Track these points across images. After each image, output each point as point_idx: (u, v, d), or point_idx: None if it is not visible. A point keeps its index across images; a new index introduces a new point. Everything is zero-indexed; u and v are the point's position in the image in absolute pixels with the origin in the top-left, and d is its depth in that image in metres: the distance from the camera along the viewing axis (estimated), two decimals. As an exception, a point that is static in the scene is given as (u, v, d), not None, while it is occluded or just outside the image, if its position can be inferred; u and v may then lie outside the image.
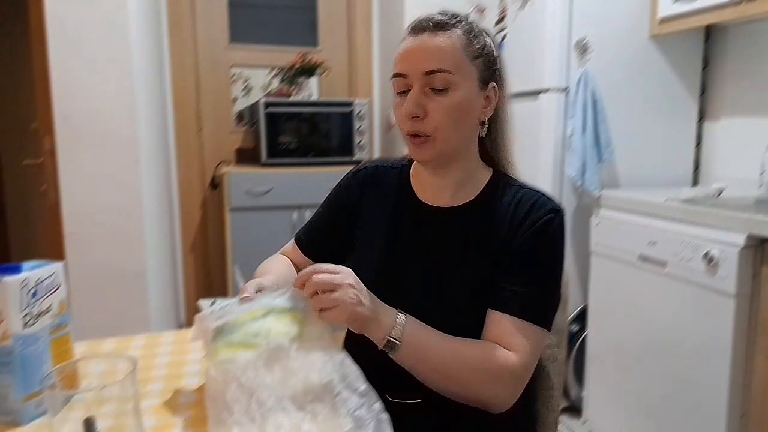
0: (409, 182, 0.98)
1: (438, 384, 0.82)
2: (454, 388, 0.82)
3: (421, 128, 0.85)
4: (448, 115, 0.84)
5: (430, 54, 0.83)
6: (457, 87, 0.84)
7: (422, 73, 0.83)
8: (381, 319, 0.78)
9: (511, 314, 0.83)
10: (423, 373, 0.81)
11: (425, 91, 0.84)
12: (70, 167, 2.05)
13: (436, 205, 0.94)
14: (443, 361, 0.80)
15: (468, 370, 0.81)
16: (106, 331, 1.12)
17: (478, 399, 0.82)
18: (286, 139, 2.64)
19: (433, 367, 0.81)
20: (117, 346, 1.00)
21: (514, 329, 0.82)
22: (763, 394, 1.35)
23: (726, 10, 1.68)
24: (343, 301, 0.74)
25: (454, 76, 0.83)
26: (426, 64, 0.83)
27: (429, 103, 0.84)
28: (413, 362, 0.80)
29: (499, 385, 0.81)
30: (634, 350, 1.72)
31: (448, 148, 0.87)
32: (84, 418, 0.55)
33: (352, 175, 1.04)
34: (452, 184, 0.92)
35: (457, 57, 0.84)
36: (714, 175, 2.08)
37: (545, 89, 1.97)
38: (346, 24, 3.14)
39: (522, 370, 0.82)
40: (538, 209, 0.88)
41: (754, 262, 1.35)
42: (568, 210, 1.99)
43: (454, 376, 0.81)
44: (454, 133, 0.86)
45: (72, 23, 1.99)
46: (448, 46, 0.84)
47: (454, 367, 0.81)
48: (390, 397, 0.92)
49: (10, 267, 0.73)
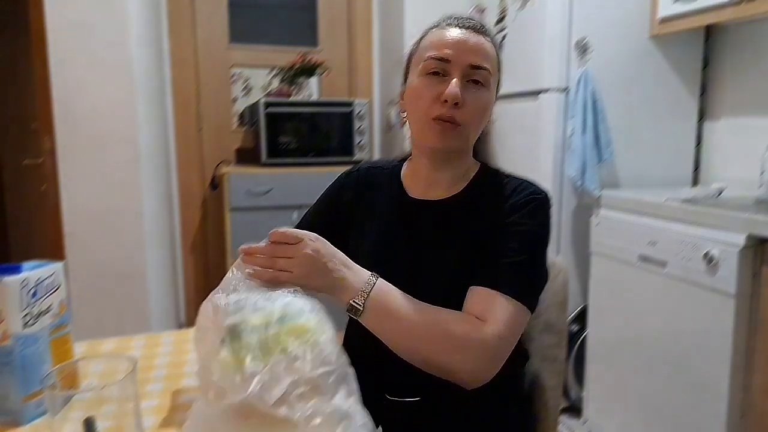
0: (400, 181, 0.99)
1: (405, 350, 0.80)
2: (420, 355, 0.79)
3: (458, 116, 0.86)
4: (480, 110, 0.88)
5: (478, 49, 0.87)
6: (490, 88, 0.89)
7: (468, 65, 0.86)
8: (348, 284, 0.77)
9: (486, 286, 0.82)
10: (389, 338, 0.79)
11: (463, 83, 0.86)
12: (70, 167, 2.05)
13: (425, 199, 0.95)
14: (410, 326, 0.78)
15: (434, 336, 0.78)
16: (106, 331, 1.12)
17: (446, 368, 0.79)
18: (286, 139, 2.64)
19: (399, 331, 0.79)
20: (117, 346, 1.00)
21: (487, 300, 0.81)
22: (763, 394, 1.35)
23: (726, 10, 1.68)
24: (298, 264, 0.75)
25: (491, 77, 0.89)
26: (474, 57, 0.87)
27: (466, 94, 0.86)
28: (377, 325, 0.79)
29: (467, 354, 0.78)
30: (634, 350, 1.72)
31: (467, 143, 0.91)
32: (84, 418, 0.55)
33: (345, 176, 1.05)
34: (448, 178, 0.94)
35: (494, 62, 0.90)
36: (714, 175, 2.08)
37: (545, 89, 1.97)
38: (346, 24, 3.14)
39: (494, 340, 0.78)
40: (521, 192, 0.90)
41: (754, 262, 1.35)
42: (568, 210, 1.99)
43: (421, 343, 0.78)
44: (476, 130, 0.91)
45: (72, 23, 1.99)
46: (490, 49, 0.89)
47: (420, 333, 0.78)
48: (389, 395, 0.92)
49: (10, 267, 0.73)
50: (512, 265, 0.83)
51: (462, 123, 0.87)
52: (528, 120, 2.04)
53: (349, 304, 0.77)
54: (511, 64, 0.95)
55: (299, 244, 0.76)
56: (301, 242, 0.76)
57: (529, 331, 1.07)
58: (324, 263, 0.76)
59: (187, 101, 2.92)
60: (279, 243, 0.76)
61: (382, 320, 0.78)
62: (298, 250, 0.75)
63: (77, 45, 2.01)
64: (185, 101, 2.91)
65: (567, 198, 1.99)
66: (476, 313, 0.80)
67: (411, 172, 0.99)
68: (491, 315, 0.79)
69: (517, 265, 0.83)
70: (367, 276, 0.79)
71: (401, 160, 1.03)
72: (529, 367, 1.05)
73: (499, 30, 2.23)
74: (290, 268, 0.75)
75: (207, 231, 3.00)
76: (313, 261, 0.76)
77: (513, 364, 1.01)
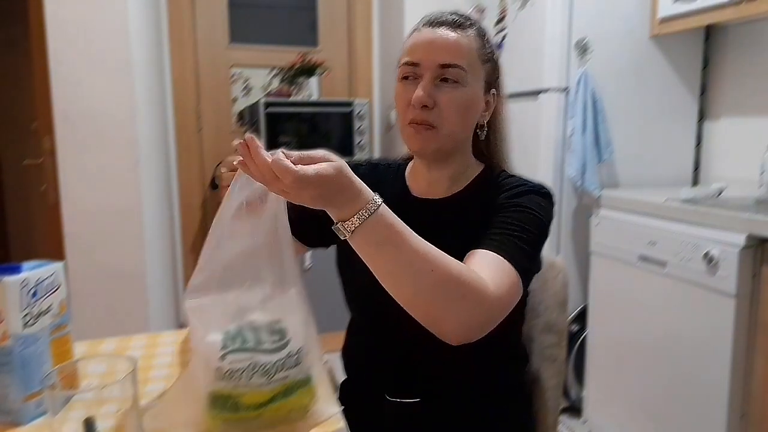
0: (404, 179, 0.99)
1: (399, 283, 0.70)
2: (414, 292, 0.69)
3: (429, 118, 0.85)
4: (456, 108, 0.86)
5: (448, 47, 0.85)
6: (467, 84, 0.86)
7: (437, 65, 0.85)
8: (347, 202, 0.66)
9: (488, 249, 0.78)
10: (384, 263, 0.68)
11: (436, 83, 0.85)
12: (70, 167, 2.05)
13: (428, 198, 0.95)
14: (411, 258, 0.68)
15: (437, 276, 0.68)
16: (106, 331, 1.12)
17: (437, 314, 0.70)
18: (286, 139, 2.64)
19: (397, 259, 0.68)
20: (117, 346, 1.00)
21: (489, 260, 0.77)
22: (763, 394, 1.35)
23: (726, 10, 1.68)
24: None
25: (466, 73, 0.85)
26: (443, 56, 0.85)
27: (439, 94, 0.85)
28: (372, 248, 0.67)
29: (465, 305, 0.70)
30: (634, 350, 1.72)
31: (449, 143, 0.89)
32: (84, 418, 0.55)
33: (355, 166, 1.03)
34: (446, 178, 0.94)
35: (471, 56, 0.86)
36: (714, 175, 2.08)
37: (545, 89, 1.97)
38: (346, 24, 3.14)
39: (495, 301, 0.72)
40: (522, 184, 0.89)
41: (754, 262, 1.35)
42: (568, 210, 1.99)
43: (420, 278, 0.68)
44: (457, 129, 0.88)
45: (72, 23, 1.99)
46: (465, 44, 0.86)
47: (421, 269, 0.68)
48: (389, 397, 0.92)
49: (10, 267, 0.73)
50: (517, 239, 0.81)
51: (437, 124, 0.85)
52: (528, 120, 2.04)
53: (342, 222, 0.66)
54: (511, 64, 0.95)
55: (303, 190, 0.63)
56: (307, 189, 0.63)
57: (529, 331, 1.07)
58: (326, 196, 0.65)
59: (187, 101, 2.92)
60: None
61: (376, 248, 0.67)
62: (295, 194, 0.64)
63: (77, 45, 2.01)
64: (185, 101, 2.91)
65: (567, 198, 1.99)
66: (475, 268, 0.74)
67: (413, 171, 0.99)
68: (495, 277, 0.74)
69: (522, 241, 0.81)
70: (369, 194, 0.67)
71: (406, 159, 1.02)
72: (529, 367, 1.05)
73: (499, 30, 2.23)
74: (287, 192, 0.64)
75: (207, 231, 2.99)
76: (314, 197, 0.64)
77: (513, 365, 1.01)
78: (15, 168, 3.00)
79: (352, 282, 0.96)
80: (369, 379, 0.99)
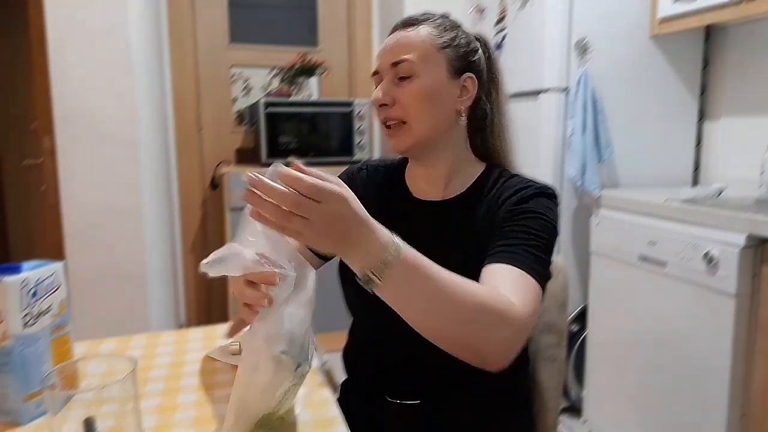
0: (403, 180, 0.99)
1: (434, 322, 0.68)
2: (453, 329, 0.68)
3: (391, 114, 0.89)
4: (415, 99, 0.88)
5: (396, 47, 0.89)
6: (422, 74, 0.88)
7: (389, 66, 0.89)
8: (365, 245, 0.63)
9: (507, 263, 0.78)
10: (417, 306, 0.67)
11: (395, 81, 0.89)
12: (70, 167, 2.05)
13: (428, 199, 0.95)
14: (443, 296, 0.66)
15: (474, 306, 0.67)
16: (106, 331, 1.12)
17: (477, 346, 0.70)
18: (286, 139, 2.64)
19: (429, 299, 0.66)
20: (117, 346, 1.00)
21: (512, 278, 0.76)
22: (763, 394, 1.35)
23: (726, 10, 1.68)
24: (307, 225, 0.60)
25: (417, 63, 0.87)
26: (392, 55, 0.89)
27: (396, 91, 0.88)
28: (404, 290, 0.66)
29: (506, 329, 0.70)
30: (634, 350, 1.72)
31: (423, 134, 0.89)
32: (84, 418, 0.55)
33: (358, 170, 1.04)
34: (442, 176, 0.93)
35: (421, 47, 0.88)
36: (714, 175, 2.08)
37: (545, 89, 1.97)
38: (346, 24, 3.14)
39: (525, 320, 0.72)
40: (527, 187, 0.88)
41: (754, 262, 1.35)
42: (568, 210, 1.99)
43: (457, 314, 0.67)
44: (426, 118, 0.89)
45: (72, 23, 1.99)
46: (414, 37, 0.89)
47: (457, 303, 0.67)
48: (389, 397, 0.92)
49: (10, 267, 0.73)
50: (533, 248, 0.80)
51: (406, 119, 0.88)
52: (528, 120, 2.04)
53: (364, 274, 0.64)
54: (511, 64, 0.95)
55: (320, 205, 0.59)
56: (322, 204, 0.59)
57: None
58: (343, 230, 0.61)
59: (187, 101, 2.92)
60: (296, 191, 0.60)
61: (406, 291, 0.66)
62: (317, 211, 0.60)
63: (77, 45, 2.01)
64: (185, 101, 2.91)
65: (567, 198, 1.99)
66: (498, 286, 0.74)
67: (411, 172, 0.99)
68: (520, 294, 0.73)
69: (537, 249, 0.81)
70: (388, 236, 0.65)
71: (404, 160, 1.02)
72: (529, 367, 1.05)
73: (499, 30, 2.23)
74: (304, 230, 0.60)
75: (207, 231, 3.00)
76: (331, 227, 0.61)
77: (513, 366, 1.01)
78: (15, 168, 3.00)
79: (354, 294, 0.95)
80: (369, 379, 0.99)
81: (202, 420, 0.74)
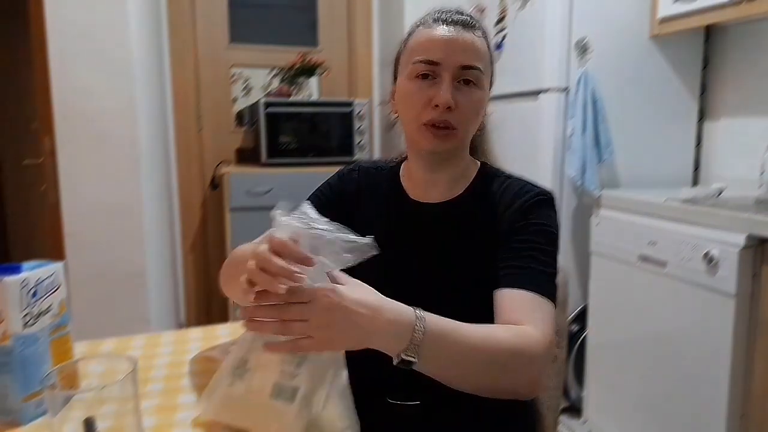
0: (399, 182, 0.98)
1: (470, 382, 0.72)
2: (486, 382, 0.72)
3: (452, 119, 0.84)
4: (473, 110, 0.86)
5: (467, 48, 0.84)
6: (483, 86, 0.87)
7: (458, 66, 0.83)
8: (387, 334, 0.66)
9: (521, 288, 0.79)
10: (450, 374, 0.71)
11: (454, 83, 0.84)
12: (70, 167, 2.05)
13: (428, 202, 0.94)
14: (474, 354, 0.70)
15: (503, 353, 0.71)
16: (106, 331, 1.12)
17: (512, 389, 0.74)
18: (286, 139, 2.64)
19: (461, 366, 0.71)
20: (117, 346, 1.00)
21: (530, 306, 0.78)
22: (763, 395, 1.35)
23: (726, 10, 1.68)
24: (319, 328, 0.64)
25: (483, 75, 0.86)
26: (464, 57, 0.84)
27: (458, 96, 0.84)
28: (435, 368, 0.70)
29: (535, 366, 0.73)
30: (634, 350, 1.72)
31: (463, 143, 0.90)
32: (84, 418, 0.55)
33: (347, 173, 1.02)
34: (447, 180, 0.93)
35: (485, 58, 0.87)
36: (714, 175, 2.08)
37: (545, 89, 1.97)
38: (346, 24, 3.14)
39: (547, 347, 0.75)
40: (526, 192, 0.88)
41: (754, 262, 1.35)
42: (568, 210, 1.99)
43: (489, 365, 0.71)
44: (471, 129, 0.89)
45: (72, 23, 1.99)
46: (481, 45, 0.86)
47: (488, 355, 0.70)
48: (389, 399, 0.92)
49: (10, 267, 0.73)
50: (542, 265, 0.82)
51: (456, 126, 0.85)
52: (528, 120, 2.04)
53: (400, 358, 0.66)
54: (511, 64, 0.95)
55: (311, 303, 0.62)
56: (312, 302, 0.62)
57: (529, 331, 1.07)
58: (347, 317, 0.64)
59: (187, 101, 2.92)
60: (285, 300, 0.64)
61: (441, 361, 0.69)
62: (312, 310, 0.63)
63: (77, 45, 2.01)
64: (185, 101, 2.91)
65: (567, 198, 1.99)
66: (517, 317, 0.77)
67: (408, 173, 0.97)
68: (535, 320, 0.76)
69: (545, 265, 0.82)
70: (410, 315, 0.67)
71: (399, 161, 1.01)
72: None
73: (499, 30, 2.23)
74: (309, 332, 0.63)
75: (207, 231, 3.00)
76: (332, 320, 0.63)
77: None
78: (15, 168, 3.00)
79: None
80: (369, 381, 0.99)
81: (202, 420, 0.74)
